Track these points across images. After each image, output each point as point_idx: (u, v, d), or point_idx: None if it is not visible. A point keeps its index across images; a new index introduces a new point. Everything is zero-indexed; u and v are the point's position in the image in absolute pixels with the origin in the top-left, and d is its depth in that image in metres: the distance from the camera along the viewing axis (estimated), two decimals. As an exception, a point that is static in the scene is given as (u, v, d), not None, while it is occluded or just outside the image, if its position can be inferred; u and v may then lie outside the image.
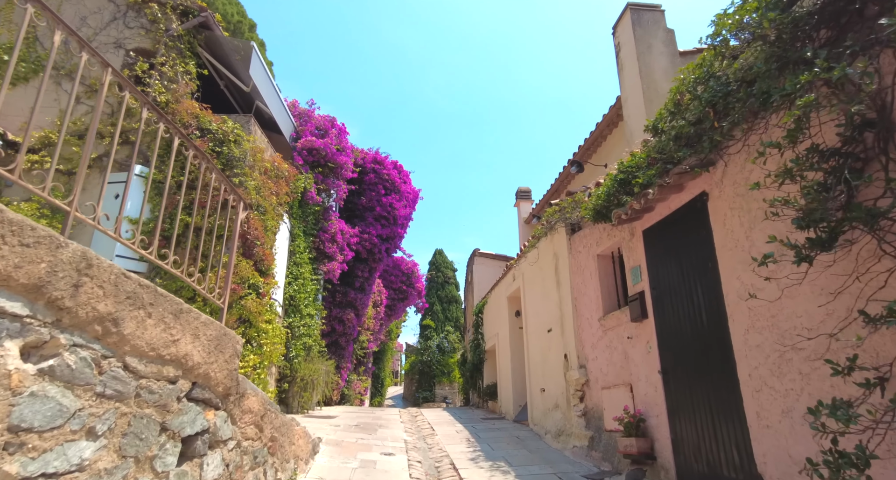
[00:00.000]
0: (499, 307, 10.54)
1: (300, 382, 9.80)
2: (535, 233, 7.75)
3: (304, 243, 11.12)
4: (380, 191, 14.03)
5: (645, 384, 4.88)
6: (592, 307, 6.03)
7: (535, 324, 8.09)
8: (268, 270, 8.44)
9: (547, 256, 7.55)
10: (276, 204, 9.15)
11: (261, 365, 7.79)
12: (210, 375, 3.30)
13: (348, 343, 13.70)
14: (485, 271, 13.41)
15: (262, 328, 8.02)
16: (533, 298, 8.20)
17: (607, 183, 5.07)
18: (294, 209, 10.62)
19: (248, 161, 8.37)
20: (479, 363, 11.60)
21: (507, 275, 9.89)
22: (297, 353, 10.07)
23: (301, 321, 10.42)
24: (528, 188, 13.97)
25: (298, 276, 10.62)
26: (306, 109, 12.08)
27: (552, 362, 7.20)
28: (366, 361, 18.07)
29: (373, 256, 13.86)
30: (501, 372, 10.19)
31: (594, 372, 5.91)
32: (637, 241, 5.15)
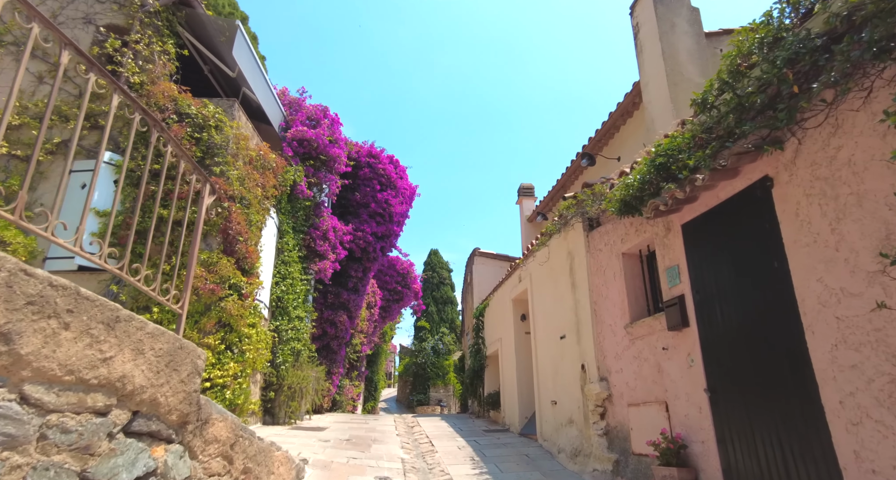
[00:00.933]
0: (502, 310, 9.85)
1: (287, 390, 9.05)
2: (545, 230, 7.05)
3: (294, 241, 10.37)
4: (375, 186, 13.30)
5: (685, 404, 4.19)
6: (616, 313, 5.34)
7: (544, 330, 7.39)
8: (252, 269, 7.69)
9: (560, 255, 6.85)
10: (261, 197, 8.40)
11: (243, 374, 7.05)
12: (159, 400, 2.57)
13: (340, 347, 12.95)
14: (485, 271, 12.71)
15: (245, 332, 7.27)
16: (542, 301, 7.50)
17: (642, 169, 4.37)
18: (282, 204, 9.87)
19: (231, 149, 7.62)
20: (480, 369, 10.89)
21: (513, 276, 9.19)
22: (285, 359, 9.32)
23: (289, 325, 9.67)
24: (531, 185, 13.28)
25: (287, 276, 9.87)
26: (297, 97, 11.33)
27: (566, 372, 6.50)
28: (359, 365, 17.32)
29: (367, 255, 13.12)
30: (505, 380, 9.49)
31: (618, 386, 5.21)
32: (674, 237, 4.46)
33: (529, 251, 8.06)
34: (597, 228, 5.96)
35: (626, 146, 8.81)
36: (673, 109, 6.55)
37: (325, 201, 11.88)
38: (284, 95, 11.30)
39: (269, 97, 10.46)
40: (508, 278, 9.50)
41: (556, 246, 6.96)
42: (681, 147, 4.07)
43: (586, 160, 8.84)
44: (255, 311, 7.84)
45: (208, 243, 7.11)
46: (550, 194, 11.47)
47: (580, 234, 6.18)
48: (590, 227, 6.11)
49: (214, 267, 6.86)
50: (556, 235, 6.92)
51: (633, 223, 5.12)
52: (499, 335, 10.03)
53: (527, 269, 8.28)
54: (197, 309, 6.67)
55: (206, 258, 6.85)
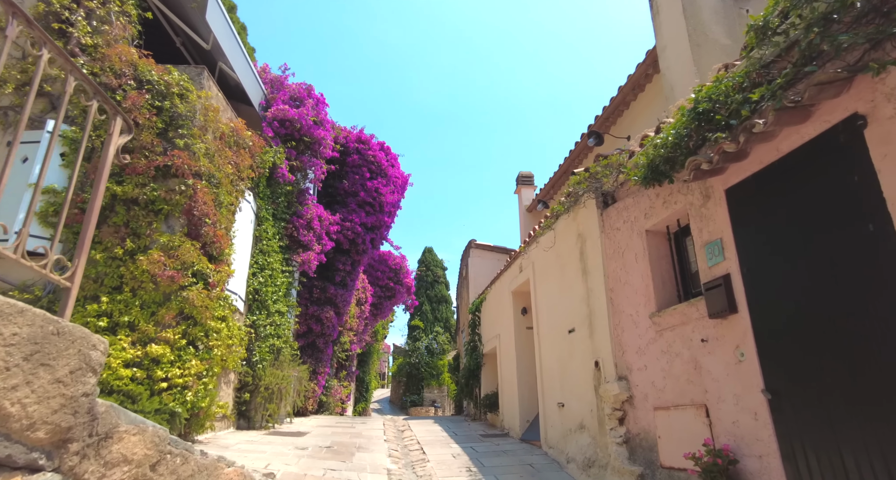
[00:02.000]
0: (500, 304, 9.03)
1: (264, 391, 8.19)
2: (552, 210, 6.24)
3: (274, 229, 9.51)
4: (364, 174, 12.46)
5: (733, 408, 3.38)
6: (638, 300, 4.53)
7: (550, 323, 6.58)
8: (221, 255, 6.83)
9: (568, 238, 6.05)
10: (235, 177, 7.54)
11: (209, 373, 6.19)
12: (10, 413, 1.75)
13: (327, 345, 12.09)
14: (482, 264, 11.89)
15: (212, 326, 6.41)
16: (547, 291, 6.69)
17: (678, 121, 3.56)
18: (261, 188, 9.02)
19: (198, 121, 6.76)
20: (476, 368, 10.08)
21: (512, 266, 8.38)
22: (263, 357, 8.46)
23: (268, 320, 8.81)
24: (531, 173, 12.48)
25: (265, 266, 9.01)
26: (279, 75, 10.46)
27: (575, 370, 5.69)
28: (348, 365, 16.46)
29: (356, 247, 12.28)
30: (504, 380, 8.67)
31: (642, 386, 4.40)
32: (716, 206, 3.66)
33: (532, 237, 7.25)
34: (613, 204, 5.15)
35: (636, 124, 8.02)
36: (696, 72, 5.76)
37: (309, 187, 11.02)
38: (266, 73, 10.43)
39: (249, 74, 9.60)
40: (507, 269, 8.69)
41: (564, 229, 6.15)
42: (728, 91, 3.27)
43: (594, 139, 8.04)
44: (226, 303, 6.98)
45: (170, 224, 6.24)
46: (552, 180, 10.66)
47: (593, 212, 5.37)
48: (604, 204, 5.30)
49: (176, 252, 5.99)
50: (563, 216, 6.12)
51: (661, 194, 4.31)
52: (497, 332, 9.22)
53: (529, 257, 7.47)
54: (154, 299, 5.80)
55: (166, 242, 5.98)
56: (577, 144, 9.54)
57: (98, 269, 5.70)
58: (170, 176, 6.29)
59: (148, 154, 6.10)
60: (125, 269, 5.76)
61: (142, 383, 5.36)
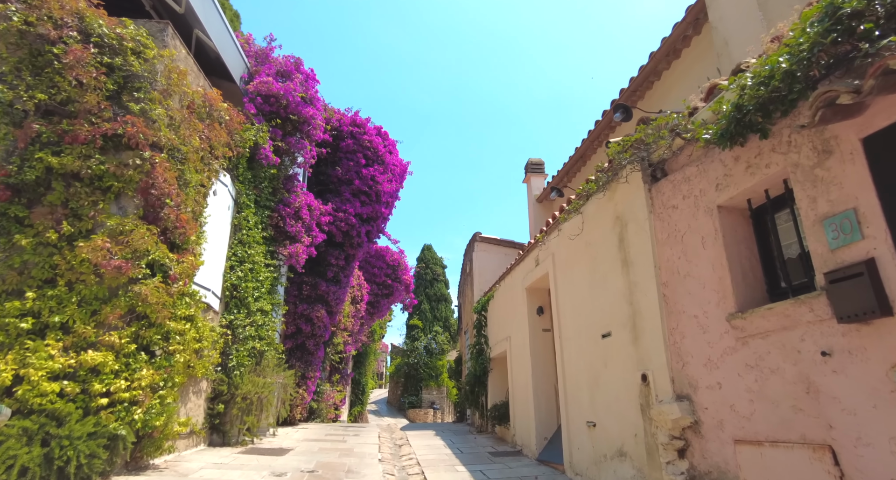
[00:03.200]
0: (512, 303, 7.97)
1: (242, 401, 7.12)
2: (582, 188, 5.17)
3: (256, 217, 8.44)
4: (359, 161, 11.37)
5: (886, 455, 2.33)
6: (707, 297, 3.47)
7: (576, 325, 5.52)
8: (186, 243, 5.75)
9: (601, 222, 4.99)
10: (206, 154, 6.47)
11: (168, 384, 5.12)
12: None
13: (318, 347, 11.02)
14: (488, 259, 10.83)
15: (173, 328, 5.33)
16: (573, 287, 5.63)
17: (795, 39, 2.51)
18: (240, 170, 7.94)
19: (159, 84, 5.67)
20: (483, 374, 9.01)
21: (526, 259, 7.31)
22: (241, 362, 7.39)
23: (248, 319, 7.74)
24: (541, 160, 11.40)
25: (245, 259, 7.94)
26: (263, 47, 9.37)
27: (612, 383, 4.63)
28: (342, 367, 15.39)
29: (350, 240, 11.20)
30: (516, 389, 7.60)
31: (714, 410, 3.35)
32: (843, 162, 2.60)
33: (552, 224, 6.18)
34: (665, 178, 4.09)
35: (670, 97, 6.97)
36: (763, 20, 4.70)
37: (297, 173, 9.95)
38: (249, 45, 9.34)
39: (229, 44, 8.50)
40: (520, 263, 7.62)
41: (596, 212, 5.08)
42: None
43: (620, 114, 6.97)
44: (194, 300, 5.91)
45: (121, 205, 5.16)
46: (567, 166, 9.60)
47: (638, 189, 4.31)
48: (653, 178, 4.24)
49: (126, 237, 4.91)
50: (596, 196, 5.05)
51: (742, 157, 3.25)
52: (507, 333, 8.15)
53: (547, 248, 6.40)
54: (97, 295, 4.71)
55: (114, 225, 4.90)
56: (597, 124, 8.47)
57: (25, 257, 4.61)
58: (122, 147, 5.21)
59: (95, 120, 5.02)
60: (60, 258, 4.67)
61: (74, 399, 4.27)
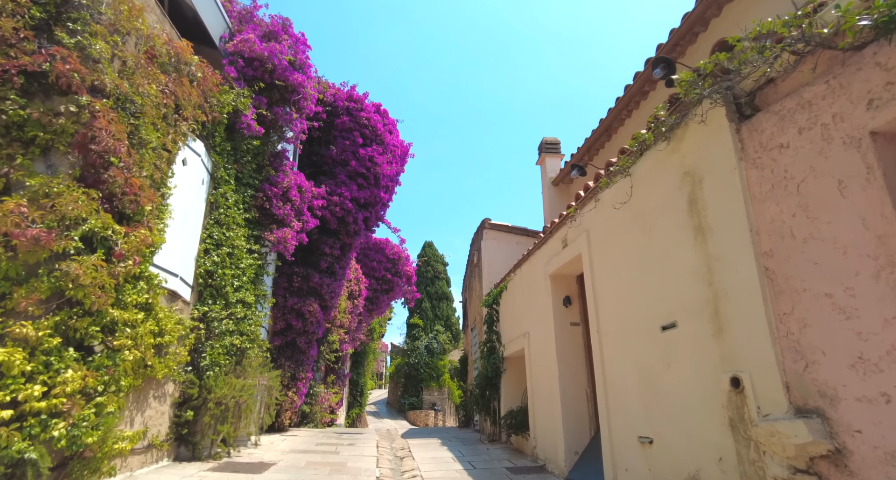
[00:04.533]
0: (530, 294, 6.88)
1: (215, 408, 6.02)
2: (632, 144, 4.08)
3: (237, 196, 7.35)
4: (356, 140, 10.28)
5: None
6: (856, 267, 2.37)
7: (620, 316, 4.42)
8: (139, 214, 4.66)
9: (660, 182, 3.90)
10: (170, 112, 5.38)
11: (109, 388, 4.04)
12: None
13: (310, 345, 9.92)
14: (497, 249, 9.74)
15: (119, 317, 4.24)
16: (616, 269, 4.54)
17: None
18: (217, 140, 6.85)
19: (105, 17, 4.57)
20: (495, 375, 7.91)
21: (550, 241, 6.22)
22: (215, 360, 6.30)
23: (225, 312, 6.65)
24: (556, 139, 10.31)
25: (223, 242, 6.85)
26: (248, 6, 8.29)
27: (679, 387, 3.54)
28: (338, 367, 14.29)
29: (345, 227, 10.11)
30: (537, 394, 6.50)
31: (878, 434, 2.26)
32: None
33: (587, 194, 5.09)
34: (765, 110, 3.00)
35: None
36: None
37: (286, 150, 8.86)
38: (231, 3, 8.25)
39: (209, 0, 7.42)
40: (542, 246, 6.52)
41: (653, 170, 3.99)
42: None
43: (661, 70, 5.86)
44: (150, 284, 4.82)
45: (50, 162, 4.06)
46: (590, 140, 8.50)
47: (721, 130, 3.22)
48: (739, 115, 3.15)
49: (51, 201, 3.82)
50: (651, 150, 3.96)
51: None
52: (524, 329, 7.05)
53: (579, 224, 5.31)
54: (6, 272, 3.62)
55: (36, 186, 3.81)
56: (627, 90, 7.38)
57: None
58: (53, 91, 4.11)
59: (11, 53, 3.93)
60: (-43, 225, 3.58)
61: (-40, 412, 3.20)
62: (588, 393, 5.61)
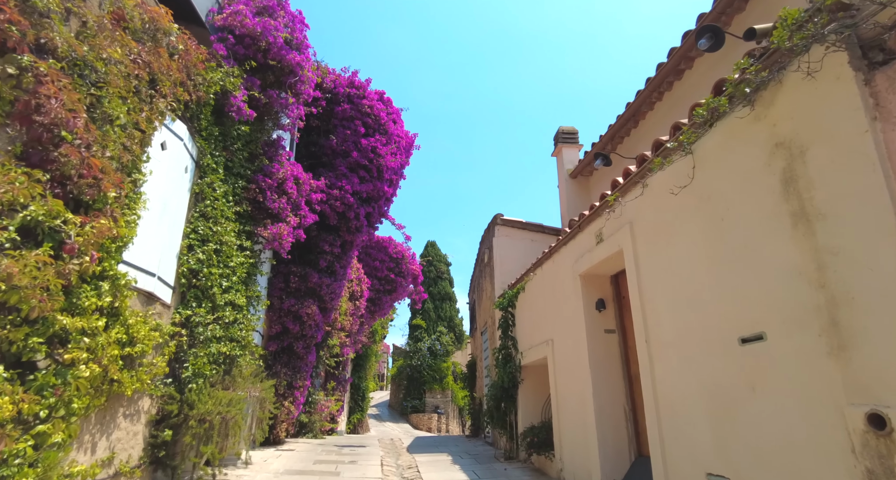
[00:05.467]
0: (554, 296, 6.09)
1: (198, 425, 5.23)
2: (699, 113, 3.30)
3: (227, 187, 6.58)
4: (358, 129, 9.50)
5: None
6: None
7: (679, 323, 3.64)
8: (100, 201, 3.89)
9: (738, 158, 3.12)
10: (143, 86, 4.61)
11: (57, 413, 3.27)
12: None
13: (309, 350, 9.15)
14: (511, 246, 8.96)
15: (70, 325, 3.47)
16: (672, 267, 3.75)
17: None
18: (203, 123, 6.08)
19: (59, -35, 3.82)
20: (512, 386, 7.11)
21: (579, 236, 5.43)
22: (200, 371, 5.53)
23: (212, 316, 5.88)
24: (574, 129, 9.56)
25: (210, 237, 6.07)
26: (240, -21, 7.50)
27: (771, 417, 2.77)
28: (339, 373, 13.51)
29: (346, 223, 9.33)
30: (565, 409, 5.71)
31: None
32: None
33: (630, 179, 4.30)
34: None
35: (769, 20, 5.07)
36: None
37: (282, 138, 8.09)
38: (221, -24, 7.47)
39: (195, -30, 6.65)
40: (568, 242, 5.73)
41: (724, 146, 3.21)
42: None
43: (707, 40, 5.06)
44: (116, 285, 4.05)
45: (-16, 135, 3.32)
46: (615, 127, 7.71)
47: (842, 83, 2.44)
48: (868, 63, 2.38)
49: (-19, 181, 3.06)
50: (723, 121, 3.18)
51: None
52: (546, 336, 6.27)
53: (620, 215, 4.52)
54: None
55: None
56: (659, 69, 6.60)
57: None
58: (-12, 50, 3.38)
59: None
60: None
61: None
62: (627, 411, 4.83)
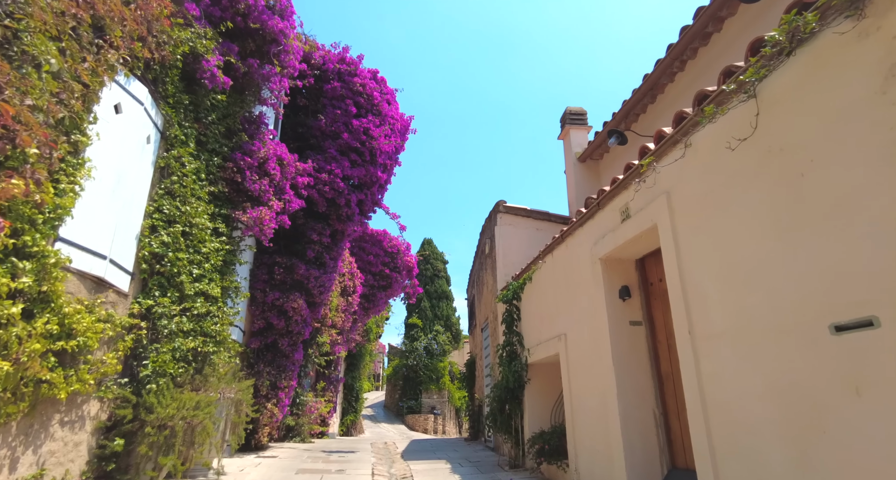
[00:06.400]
0: (567, 285, 5.38)
1: (156, 433, 4.48)
2: (775, 35, 2.59)
3: (199, 163, 5.82)
4: (349, 109, 8.76)
5: None
6: None
7: (741, 309, 2.91)
8: (13, 158, 3.11)
9: (830, 94, 2.40)
10: (84, 30, 3.85)
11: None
12: None
13: (295, 348, 8.39)
14: (516, 236, 8.23)
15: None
16: (724, 242, 3.03)
17: None
18: (170, 88, 5.32)
19: None
20: (518, 386, 6.37)
21: (598, 215, 4.70)
22: (162, 369, 4.77)
23: (178, 306, 5.14)
24: (583, 109, 8.84)
25: (177, 218, 5.32)
26: (217, -64, 6.75)
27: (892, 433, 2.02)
28: (330, 373, 12.76)
29: (336, 210, 8.59)
30: (581, 412, 4.99)
31: None
32: None
33: (667, 139, 3.58)
34: None
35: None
36: None
37: (264, 114, 7.34)
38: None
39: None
40: (586, 223, 5.01)
41: (808, 79, 2.50)
42: None
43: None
44: (42, 264, 3.32)
45: None
46: (631, 102, 6.98)
47: None
48: None
49: None
50: (808, 46, 2.47)
51: None
52: (559, 329, 5.54)
53: (654, 184, 3.80)
54: None
55: None
56: (683, 33, 5.90)
57: None
58: None
59: None
60: None
61: None
62: (657, 415, 4.11)
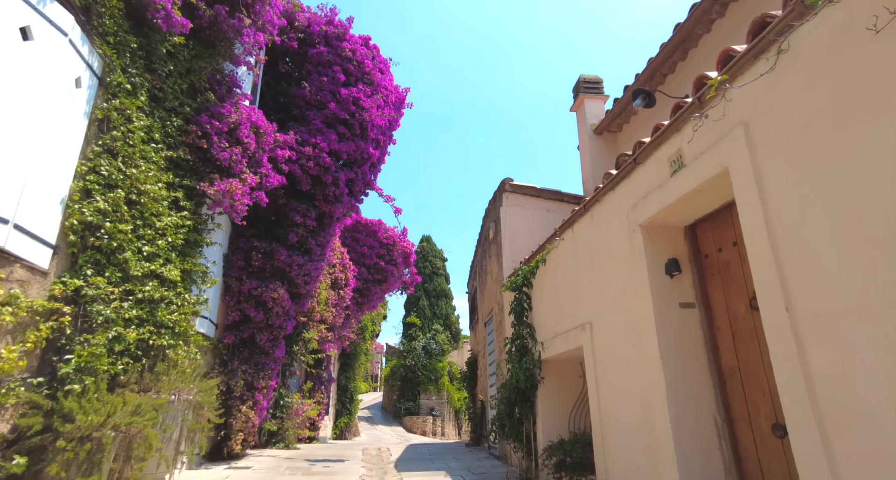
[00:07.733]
0: (592, 263, 4.43)
1: (73, 447, 3.53)
2: None
3: (151, 121, 4.86)
4: (336, 76, 7.81)
5: None
6: None
7: (868, 279, 1.97)
8: None
9: None
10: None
11: None
12: None
13: (275, 343, 7.42)
14: (524, 217, 7.29)
15: None
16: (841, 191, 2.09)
17: None
18: (110, 25, 4.36)
19: None
20: (529, 387, 5.41)
21: (637, 171, 3.75)
22: (90, 366, 3.81)
23: (119, 288, 4.19)
24: (598, 77, 7.90)
25: (119, 182, 4.36)
26: None
27: None
28: (320, 372, 11.79)
29: (323, 188, 7.64)
30: (613, 419, 4.02)
31: None
32: None
33: (748, 49, 2.65)
34: None
35: None
36: None
37: (237, 75, 6.40)
38: None
39: None
40: (617, 186, 4.05)
41: None
42: None
43: None
44: None
45: None
46: (658, 60, 6.04)
47: None
48: None
49: None
50: None
51: None
52: (582, 318, 4.59)
53: (722, 116, 2.84)
54: None
55: None
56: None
57: None
58: None
59: None
60: None
61: None
62: (719, 423, 3.17)
